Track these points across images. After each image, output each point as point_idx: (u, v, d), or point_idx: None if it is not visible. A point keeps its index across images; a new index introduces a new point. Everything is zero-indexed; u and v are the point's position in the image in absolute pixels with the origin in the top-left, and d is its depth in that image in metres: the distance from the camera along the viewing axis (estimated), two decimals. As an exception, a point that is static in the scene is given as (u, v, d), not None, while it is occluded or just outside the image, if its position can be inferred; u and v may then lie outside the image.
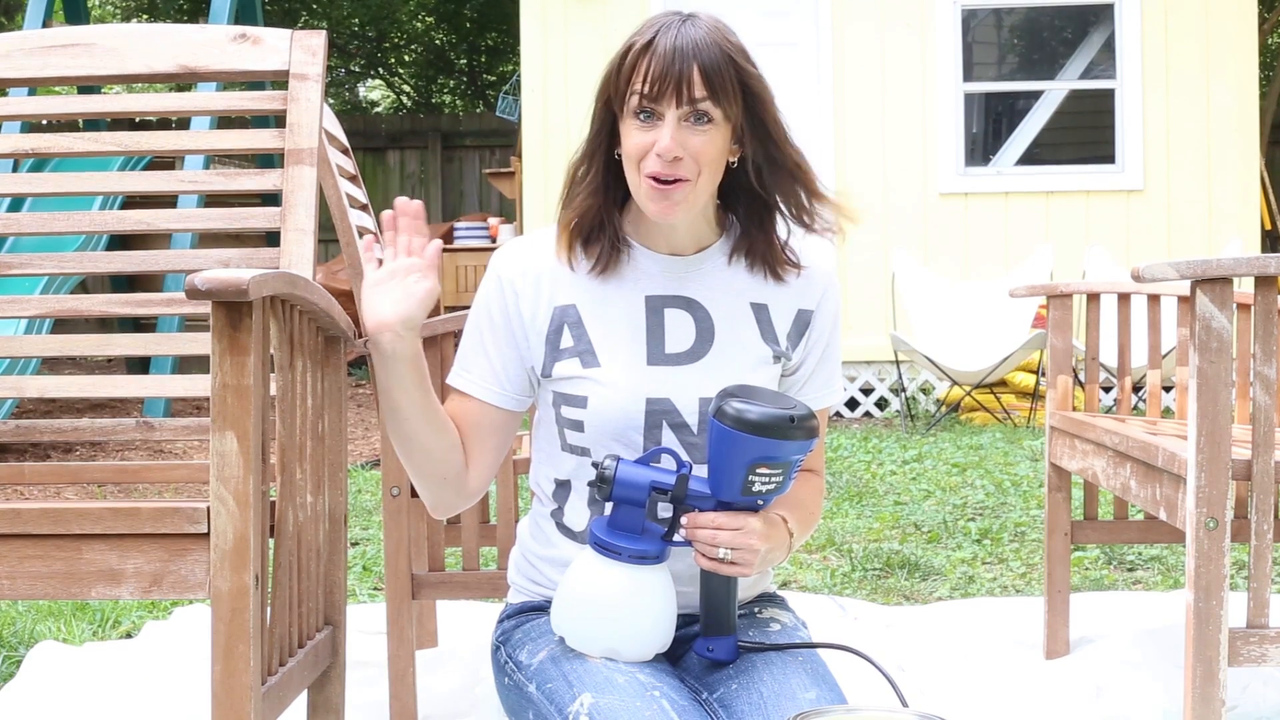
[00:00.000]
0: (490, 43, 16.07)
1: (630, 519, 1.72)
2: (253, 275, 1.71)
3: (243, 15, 8.33)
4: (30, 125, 5.67)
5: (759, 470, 1.66)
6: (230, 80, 2.63)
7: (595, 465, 1.74)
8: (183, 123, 9.98)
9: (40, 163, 7.16)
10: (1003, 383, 7.79)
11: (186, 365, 7.39)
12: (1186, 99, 8.26)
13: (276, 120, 2.54)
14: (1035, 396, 7.69)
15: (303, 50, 2.50)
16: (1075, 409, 3.29)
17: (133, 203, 7.80)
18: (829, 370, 1.93)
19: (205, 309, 1.75)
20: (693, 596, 1.80)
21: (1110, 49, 8.47)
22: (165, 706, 2.85)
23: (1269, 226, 9.77)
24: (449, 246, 10.02)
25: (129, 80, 2.57)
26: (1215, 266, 2.15)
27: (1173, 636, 3.10)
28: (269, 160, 7.54)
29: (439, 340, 2.64)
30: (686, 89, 1.72)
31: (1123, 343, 3.20)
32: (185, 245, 7.15)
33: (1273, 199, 9.86)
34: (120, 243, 7.65)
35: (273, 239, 3.03)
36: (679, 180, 1.75)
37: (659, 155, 1.74)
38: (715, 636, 1.77)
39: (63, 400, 7.73)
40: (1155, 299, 3.15)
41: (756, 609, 1.91)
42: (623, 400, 1.80)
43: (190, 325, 7.00)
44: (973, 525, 4.70)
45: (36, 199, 7.07)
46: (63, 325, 7.51)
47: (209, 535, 1.76)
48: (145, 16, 15.05)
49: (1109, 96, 8.41)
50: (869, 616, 3.55)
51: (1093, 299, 3.23)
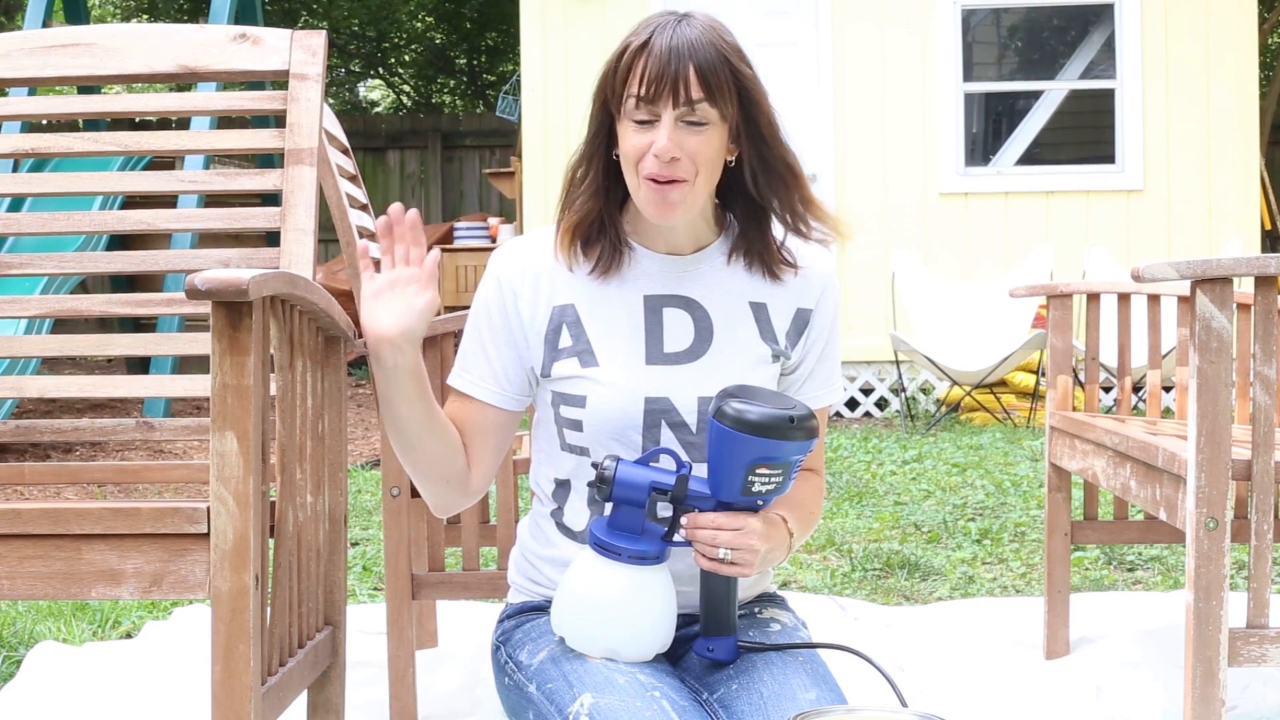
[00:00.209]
0: (490, 43, 16.06)
1: (630, 519, 1.72)
2: (253, 275, 1.71)
3: (243, 15, 8.32)
4: (30, 125, 5.67)
5: (759, 470, 1.66)
6: (230, 80, 2.63)
7: (595, 465, 1.74)
8: (183, 123, 9.98)
9: (40, 163, 7.16)
10: (1003, 383, 7.79)
11: (186, 365, 7.39)
12: (1186, 99, 8.26)
13: (276, 120, 2.54)
14: (1035, 396, 7.69)
15: (303, 50, 2.50)
16: (1075, 409, 3.29)
17: (133, 203, 7.80)
18: (828, 369, 1.92)
19: (205, 309, 1.75)
20: (693, 596, 1.80)
21: (1110, 49, 8.47)
22: (165, 706, 2.85)
23: (1269, 226, 9.77)
24: (449, 246, 10.02)
25: (129, 80, 2.57)
26: (1215, 266, 2.14)
27: (1173, 636, 3.10)
28: (269, 160, 7.54)
29: (439, 340, 2.63)
30: (683, 90, 1.72)
31: (1123, 343, 3.20)
32: (185, 245, 7.15)
33: (1273, 199, 9.85)
34: (120, 243, 7.65)
35: (273, 239, 3.03)
36: (676, 181, 1.75)
37: (656, 156, 1.73)
38: (715, 636, 1.77)
39: (63, 400, 7.73)
40: (1155, 299, 3.15)
41: (757, 609, 1.91)
42: (621, 400, 1.80)
43: (190, 325, 7.00)
44: (973, 525, 4.70)
45: (36, 199, 7.07)
46: (63, 325, 7.51)
47: (209, 535, 1.76)
48: (145, 16, 15.04)
49: (1109, 96, 8.41)
50: (869, 616, 3.55)
51: (1093, 299, 3.23)
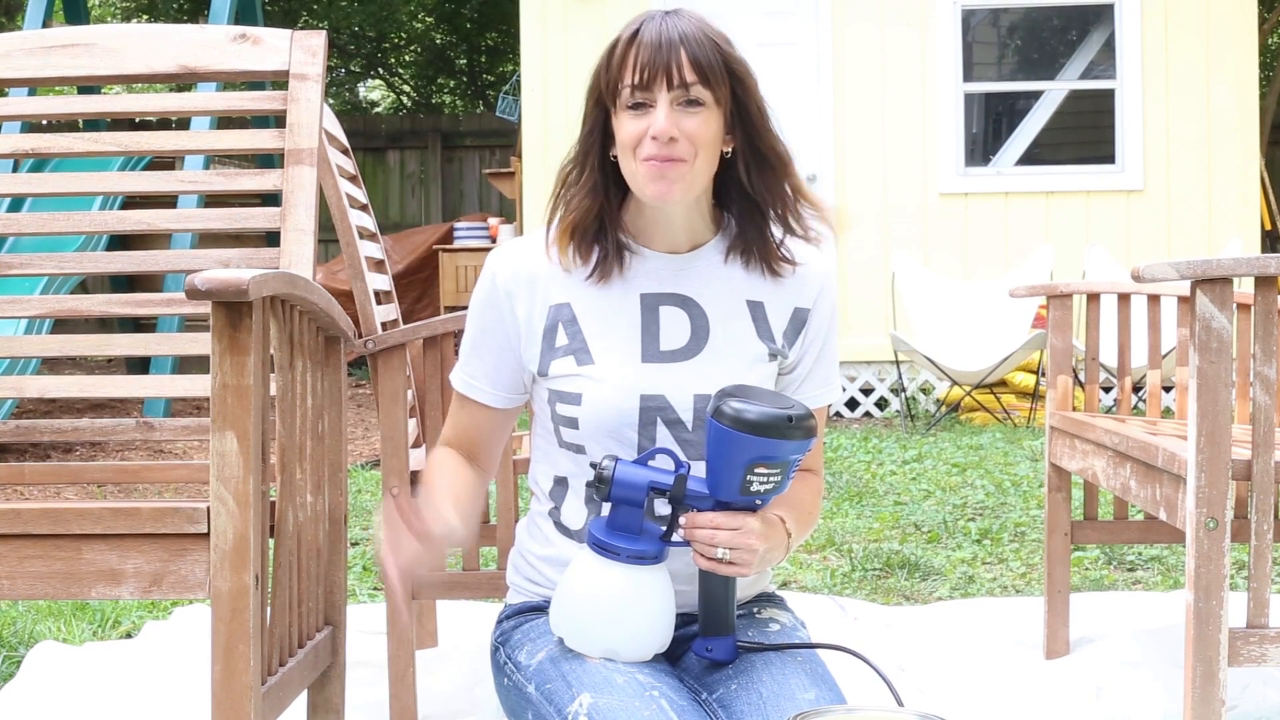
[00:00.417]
0: (490, 43, 16.06)
1: (628, 519, 1.72)
2: (253, 275, 1.71)
3: (243, 15, 8.33)
4: (30, 125, 5.67)
5: (757, 470, 1.66)
6: (230, 80, 2.63)
7: (593, 465, 1.74)
8: (183, 123, 9.98)
9: (40, 163, 7.17)
10: (1003, 383, 7.79)
11: (186, 365, 7.39)
12: (1186, 99, 8.26)
13: (276, 120, 2.54)
14: (1035, 396, 7.69)
15: (303, 50, 2.50)
16: (1075, 409, 3.29)
17: (133, 203, 7.80)
18: (826, 368, 1.93)
19: (205, 309, 1.75)
20: (691, 595, 1.80)
21: (1110, 49, 8.47)
22: (165, 706, 2.85)
23: (1269, 226, 9.76)
24: (449, 246, 10.02)
25: (129, 80, 2.58)
26: (1215, 266, 2.14)
27: (1173, 636, 3.10)
28: (269, 160, 7.54)
29: (439, 340, 2.64)
30: (677, 72, 1.74)
31: (1123, 343, 3.19)
32: (185, 245, 7.15)
33: (1273, 199, 9.85)
34: (120, 243, 7.65)
35: (273, 239, 3.03)
36: (675, 160, 1.76)
37: (654, 138, 1.75)
38: (714, 637, 1.77)
39: (63, 400, 7.73)
40: (1155, 299, 3.15)
41: (756, 609, 1.91)
42: (617, 397, 1.80)
43: (190, 325, 7.00)
44: (973, 525, 4.70)
45: (36, 199, 7.07)
46: (63, 325, 7.51)
47: (209, 535, 1.76)
48: (145, 16, 15.04)
49: (1109, 96, 8.41)
50: (869, 616, 3.55)
51: (1093, 299, 3.23)
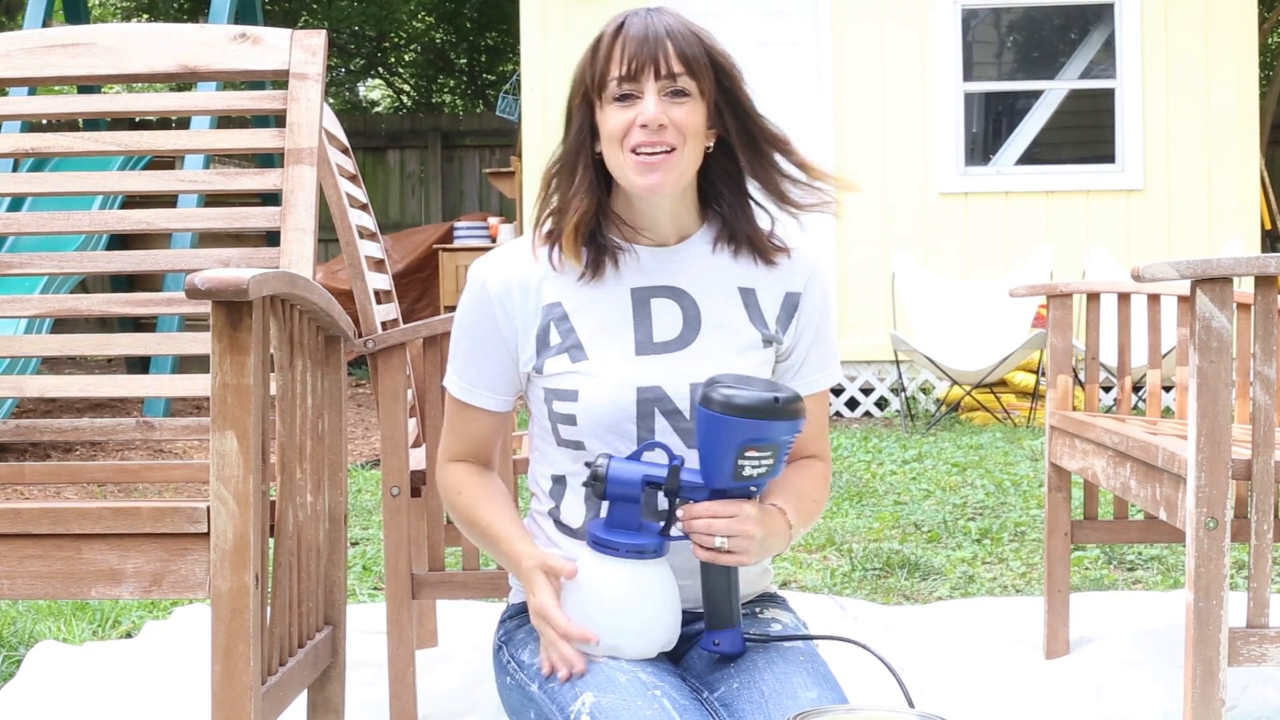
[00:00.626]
0: (490, 43, 16.06)
1: (626, 516, 1.72)
2: (253, 275, 1.71)
3: (243, 15, 8.32)
4: (30, 125, 5.67)
5: (748, 453, 1.68)
6: (230, 80, 2.63)
7: (587, 464, 1.75)
8: (183, 122, 9.98)
9: (40, 162, 7.16)
10: (1003, 382, 7.79)
11: (186, 365, 7.39)
12: (1186, 98, 8.26)
13: (276, 120, 2.54)
14: (1035, 396, 7.69)
15: (303, 50, 2.50)
16: (1075, 409, 3.29)
17: (133, 202, 7.79)
18: (823, 352, 1.93)
19: (205, 309, 1.75)
20: (694, 590, 1.80)
21: (1110, 48, 8.47)
22: (165, 706, 2.85)
23: (1269, 226, 9.76)
24: (449, 246, 10.02)
25: (129, 80, 2.58)
26: (1215, 266, 2.14)
27: (1173, 636, 3.10)
28: (269, 160, 7.54)
29: (439, 340, 2.64)
30: (664, 62, 1.77)
31: (1123, 343, 3.19)
32: (185, 245, 7.15)
33: (1273, 199, 9.85)
34: (120, 242, 7.65)
35: (273, 239, 3.03)
36: (665, 149, 1.78)
37: (644, 126, 1.77)
38: (720, 630, 1.77)
39: (63, 400, 7.73)
40: (1155, 299, 3.15)
41: (758, 609, 1.91)
42: (613, 391, 1.81)
43: (190, 325, 7.00)
44: (973, 525, 4.70)
45: (36, 199, 7.07)
46: (63, 325, 7.51)
47: (209, 535, 1.76)
48: (145, 16, 15.04)
49: (1109, 96, 8.41)
50: (869, 616, 3.55)
51: (1093, 299, 3.23)
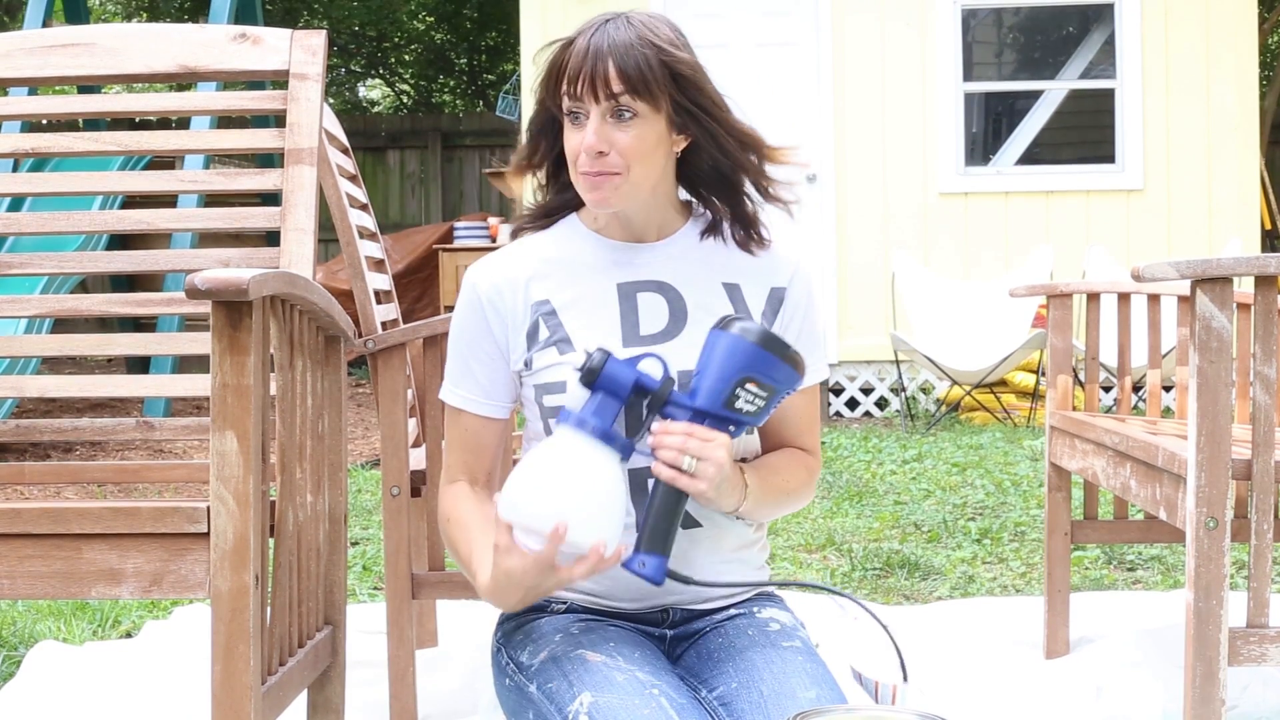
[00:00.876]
0: (490, 42, 16.05)
1: (605, 411, 1.71)
2: (252, 275, 1.71)
3: (243, 15, 8.32)
4: (30, 125, 5.68)
5: (747, 385, 1.70)
6: (230, 80, 2.63)
7: (587, 352, 1.73)
8: (183, 123, 9.98)
9: (40, 163, 7.17)
10: (1003, 382, 7.79)
11: (186, 365, 7.39)
12: (1186, 99, 8.26)
13: (276, 120, 2.54)
14: (1035, 396, 7.69)
15: (303, 50, 2.50)
16: (1075, 409, 3.29)
17: (133, 203, 7.80)
18: (809, 348, 1.92)
19: (205, 309, 1.75)
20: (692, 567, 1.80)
21: (1110, 48, 8.47)
22: (165, 706, 2.85)
23: (1269, 226, 9.77)
24: (449, 246, 10.02)
25: (129, 80, 2.58)
26: (1215, 266, 2.14)
27: (1173, 636, 3.10)
28: (269, 160, 7.54)
29: (439, 340, 2.64)
30: (602, 85, 1.75)
31: (1123, 343, 3.19)
32: (185, 245, 7.15)
33: (1273, 199, 9.85)
34: (120, 243, 7.65)
35: (273, 239, 3.03)
36: (606, 174, 1.78)
37: (585, 153, 1.77)
38: (650, 553, 1.72)
39: (63, 400, 7.73)
40: (1155, 299, 3.15)
41: (755, 608, 1.91)
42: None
43: (190, 325, 7.00)
44: (973, 525, 4.70)
45: (36, 199, 7.07)
46: (63, 325, 7.52)
47: (209, 535, 1.76)
48: (145, 16, 15.04)
49: (1109, 96, 8.41)
50: (869, 616, 3.54)
51: (1093, 299, 3.23)
